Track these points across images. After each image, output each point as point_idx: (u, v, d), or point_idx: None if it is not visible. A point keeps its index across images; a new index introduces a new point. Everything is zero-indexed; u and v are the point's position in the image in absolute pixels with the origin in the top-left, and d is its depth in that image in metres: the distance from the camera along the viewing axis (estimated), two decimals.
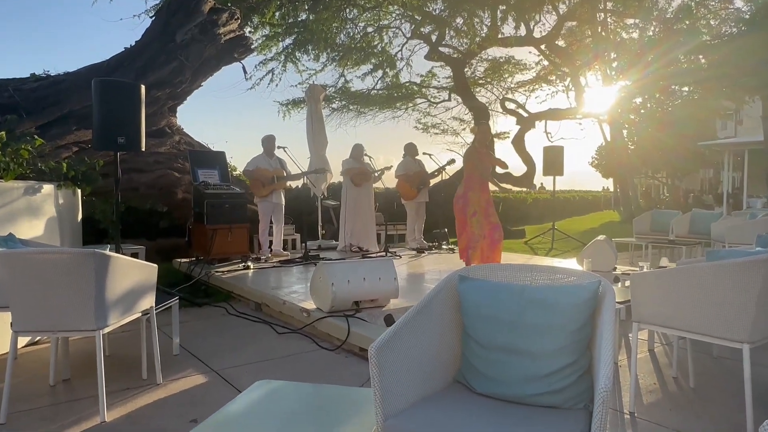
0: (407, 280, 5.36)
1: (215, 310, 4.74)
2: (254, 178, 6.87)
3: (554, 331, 1.75)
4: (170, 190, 7.40)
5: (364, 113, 14.72)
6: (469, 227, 5.26)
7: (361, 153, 7.72)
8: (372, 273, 3.94)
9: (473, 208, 5.31)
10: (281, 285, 5.03)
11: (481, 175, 5.36)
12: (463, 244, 5.41)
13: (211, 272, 5.63)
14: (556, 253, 8.67)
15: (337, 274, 3.81)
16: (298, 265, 6.29)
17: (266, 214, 6.95)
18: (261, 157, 6.97)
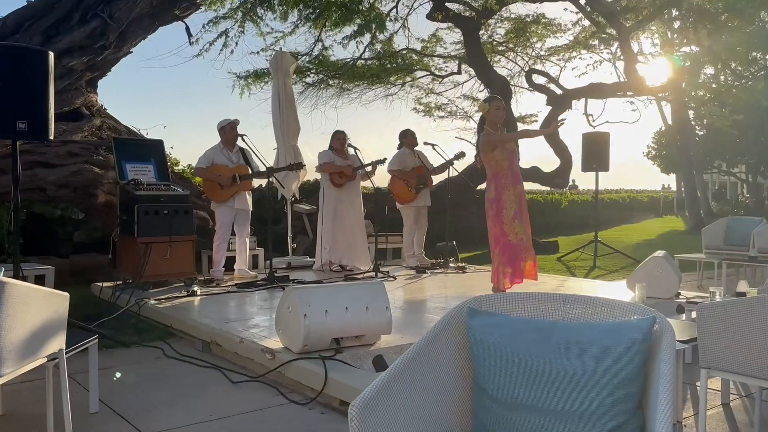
0: (404, 310, 5.36)
1: (148, 351, 4.71)
2: (209, 178, 6.87)
3: (595, 383, 1.74)
4: (88, 190, 7.36)
5: (348, 90, 14.75)
6: (510, 236, 5.30)
7: (344, 142, 7.74)
8: (357, 301, 3.93)
9: (511, 210, 5.34)
10: (238, 317, 5.01)
11: (510, 167, 5.40)
12: (498, 262, 5.44)
13: (144, 301, 5.60)
14: (599, 273, 8.72)
15: (311, 302, 3.79)
16: (261, 290, 6.28)
17: (227, 223, 6.95)
18: (217, 149, 6.97)
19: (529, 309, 2.03)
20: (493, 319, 1.97)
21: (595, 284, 7.06)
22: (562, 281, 7.29)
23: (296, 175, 8.20)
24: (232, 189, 6.83)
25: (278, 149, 8.32)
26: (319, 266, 7.69)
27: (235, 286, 6.45)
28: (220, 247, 6.96)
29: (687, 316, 4.65)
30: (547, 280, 7.25)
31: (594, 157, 10.05)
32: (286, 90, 8.39)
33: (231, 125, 6.93)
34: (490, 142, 5.39)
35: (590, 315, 1.96)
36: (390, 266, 8.26)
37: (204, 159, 6.88)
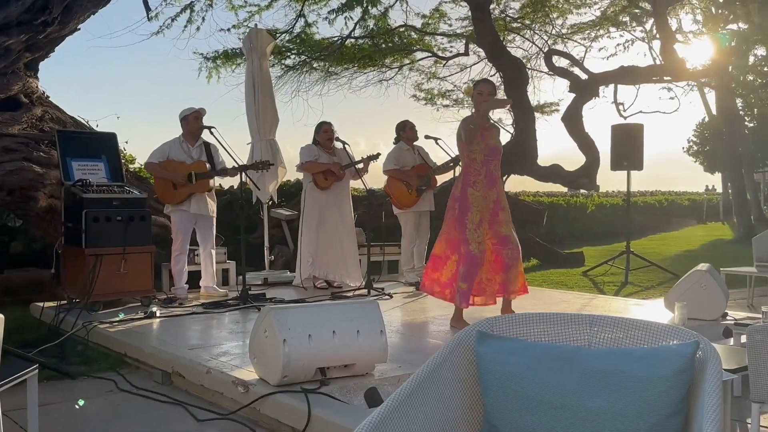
0: (401, 335, 5.36)
1: (98, 384, 4.69)
2: (161, 175, 6.86)
3: (627, 421, 1.74)
4: (27, 193, 7.34)
5: (335, 75, 14.78)
6: (471, 245, 5.28)
7: (331, 136, 7.75)
8: (347, 323, 3.93)
9: (477, 216, 5.34)
10: (205, 343, 5.00)
11: (485, 162, 5.43)
12: (452, 271, 5.45)
13: (93, 324, 5.58)
14: (632, 290, 8.74)
15: (292, 324, 3.79)
16: (232, 311, 6.27)
17: (184, 231, 6.94)
18: (176, 142, 6.97)
19: (550, 332, 2.03)
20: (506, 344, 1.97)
21: (627, 303, 7.08)
22: (588, 300, 7.30)
23: (274, 175, 8.20)
24: (187, 189, 6.81)
25: (253, 144, 8.32)
26: (300, 282, 7.69)
27: (201, 307, 6.43)
28: (179, 259, 6.95)
29: (735, 341, 4.65)
30: (570, 299, 7.26)
31: (625, 154, 10.09)
32: (262, 74, 8.40)
33: (195, 115, 6.92)
34: (464, 131, 5.46)
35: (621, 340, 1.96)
36: (385, 282, 8.26)
37: (157, 152, 6.86)
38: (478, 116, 5.53)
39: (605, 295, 8.07)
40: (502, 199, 5.47)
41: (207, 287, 7.21)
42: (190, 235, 7.03)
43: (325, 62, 14.35)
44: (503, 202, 5.47)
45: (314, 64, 14.43)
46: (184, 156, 6.90)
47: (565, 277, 10.03)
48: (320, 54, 14.07)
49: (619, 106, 13.68)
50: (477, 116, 5.53)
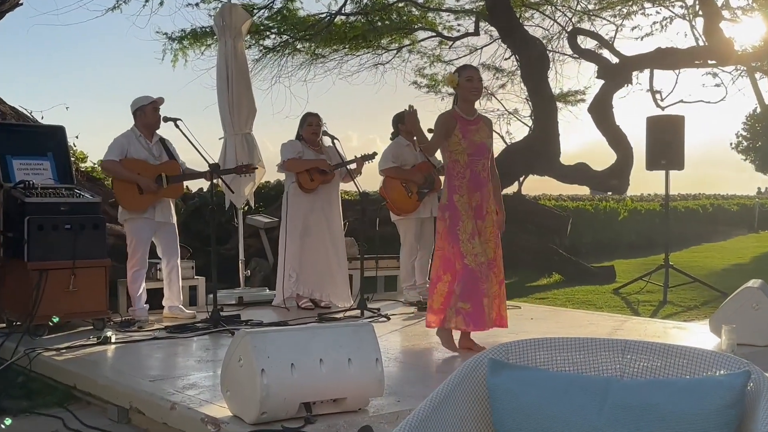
0: (401, 363, 5.35)
1: (43, 422, 4.66)
2: (124, 177, 6.84)
3: None
4: None
5: (323, 58, 14.78)
6: (467, 258, 5.30)
7: (318, 130, 7.75)
8: (336, 350, 3.92)
9: (469, 223, 5.37)
10: (168, 373, 4.98)
11: (469, 163, 5.45)
12: (443, 294, 5.47)
13: (37, 351, 5.56)
14: (671, 311, 8.74)
15: (271, 351, 3.78)
16: (201, 336, 6.25)
17: (144, 241, 6.93)
18: (131, 136, 6.95)
19: (576, 360, 2.03)
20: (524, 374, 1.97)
21: (666, 326, 7.07)
22: (620, 322, 7.30)
23: (251, 176, 8.20)
24: (157, 194, 6.80)
25: (225, 139, 8.31)
26: (282, 302, 7.67)
27: (164, 330, 6.40)
28: (138, 276, 6.92)
29: None
30: (599, 321, 7.26)
31: (663, 150, 10.10)
32: (236, 56, 8.40)
33: (154, 105, 6.91)
34: (444, 128, 5.49)
35: (659, 369, 1.96)
36: (382, 302, 8.24)
37: (116, 148, 6.83)
38: (466, 106, 5.58)
39: (640, 317, 8.06)
40: (485, 206, 5.50)
41: (171, 308, 7.19)
42: (150, 246, 7.01)
43: (310, 43, 14.36)
44: (485, 209, 5.50)
45: (298, 45, 14.45)
46: (144, 153, 6.88)
47: (592, 296, 10.02)
48: (305, 33, 14.08)
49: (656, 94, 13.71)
50: (465, 106, 5.57)
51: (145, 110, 6.91)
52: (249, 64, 9.80)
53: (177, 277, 7.16)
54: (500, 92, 16.20)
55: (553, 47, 14.57)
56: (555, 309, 8.46)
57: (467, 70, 5.68)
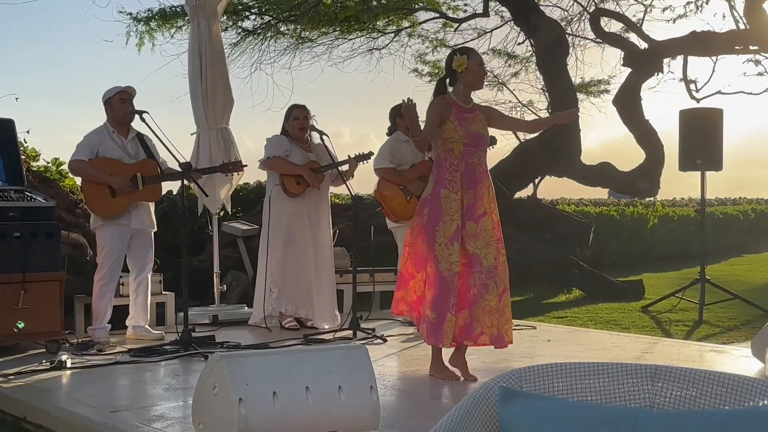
0: (399, 391, 5.34)
1: None
2: (94, 178, 6.83)
3: None
4: None
5: (310, 42, 14.76)
6: (441, 264, 5.32)
7: (305, 125, 7.74)
8: (325, 377, 3.91)
9: (453, 225, 5.37)
10: (133, 403, 4.96)
11: (464, 154, 5.47)
12: (419, 290, 5.55)
13: None
14: (708, 332, 8.74)
15: (251, 378, 3.77)
16: (170, 360, 6.24)
17: (116, 251, 6.91)
18: (103, 132, 6.95)
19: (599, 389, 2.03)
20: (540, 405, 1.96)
21: (702, 349, 7.07)
22: (649, 344, 7.29)
23: (227, 177, 8.18)
24: (131, 197, 6.78)
25: (198, 134, 8.30)
26: (261, 320, 7.65)
27: (128, 354, 6.38)
28: (105, 291, 6.90)
29: None
30: (625, 343, 7.26)
31: (699, 148, 10.10)
32: (211, 40, 8.39)
33: (120, 96, 6.90)
34: (438, 114, 5.50)
35: (695, 399, 1.96)
36: (377, 321, 8.22)
37: (85, 146, 6.82)
38: (470, 90, 5.61)
39: (672, 339, 8.05)
40: (479, 206, 5.50)
41: (136, 328, 7.17)
42: (123, 258, 6.98)
43: (295, 25, 14.35)
44: (481, 209, 5.50)
45: (281, 27, 14.44)
46: (119, 152, 6.87)
47: (618, 314, 10.01)
48: (290, 14, 14.08)
49: (691, 84, 13.70)
50: (469, 90, 5.61)
51: (111, 103, 6.90)
52: (225, 49, 9.82)
53: (145, 293, 7.14)
54: (512, 81, 16.16)
55: (572, 30, 14.59)
56: (575, 329, 8.45)
57: (476, 54, 5.71)
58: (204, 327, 7.70)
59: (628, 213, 19.41)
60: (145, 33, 13.51)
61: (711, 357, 6.60)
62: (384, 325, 7.98)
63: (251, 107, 17.25)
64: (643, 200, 21.39)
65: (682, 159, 10.26)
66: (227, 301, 9.02)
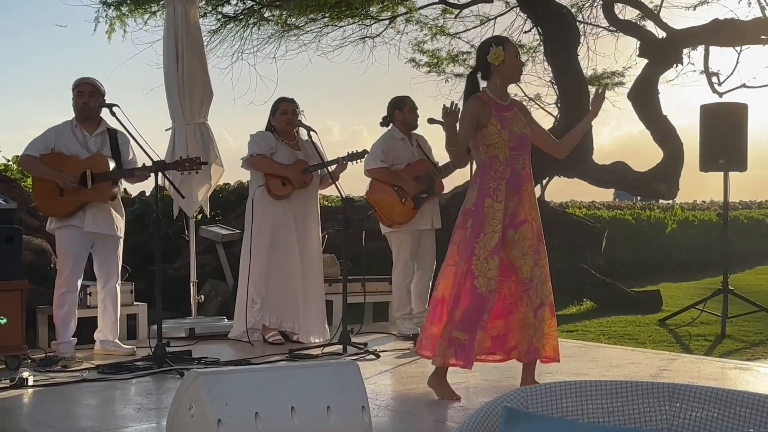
0: (393, 412, 5.34)
1: None
2: (40, 174, 6.83)
3: None
4: None
5: (297, 29, 14.75)
6: (478, 280, 5.30)
7: (293, 120, 7.73)
8: (312, 396, 3.92)
9: (495, 237, 5.35)
10: (100, 425, 4.96)
11: (510, 160, 5.44)
12: (444, 318, 5.48)
13: None
14: (732, 347, 8.76)
15: (231, 397, 3.77)
16: (142, 377, 6.24)
17: (74, 257, 6.91)
18: (66, 128, 6.96)
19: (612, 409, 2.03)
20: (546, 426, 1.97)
21: (725, 366, 7.08)
22: (667, 360, 7.31)
23: (205, 176, 8.18)
24: (79, 196, 6.76)
25: (174, 130, 8.30)
26: (243, 334, 7.65)
27: (95, 371, 6.38)
28: (65, 300, 6.88)
29: None
30: (641, 359, 7.27)
31: (721, 147, 10.12)
32: (188, 27, 8.40)
33: (78, 89, 6.90)
34: (475, 113, 5.45)
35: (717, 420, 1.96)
36: (369, 335, 8.24)
37: (39, 141, 6.82)
38: (506, 84, 5.56)
39: (692, 355, 8.06)
40: (521, 212, 5.50)
41: (104, 342, 7.17)
42: (84, 263, 6.98)
43: (281, 10, 14.35)
44: (522, 216, 5.50)
45: (265, 12, 14.44)
46: (77, 147, 6.87)
47: (633, 328, 10.02)
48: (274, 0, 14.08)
49: (713, 77, 13.73)
50: (504, 85, 5.55)
51: (73, 95, 6.94)
52: (204, 37, 9.83)
53: (113, 304, 7.13)
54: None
55: (584, 18, 14.60)
56: (586, 344, 8.45)
57: (512, 45, 5.64)
58: (179, 341, 7.71)
59: (644, 217, 19.42)
60: (115, 19, 13.46)
61: (734, 375, 6.61)
62: (377, 340, 8.00)
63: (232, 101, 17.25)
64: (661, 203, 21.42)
65: (704, 158, 10.28)
66: (205, 312, 9.02)
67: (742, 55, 13.67)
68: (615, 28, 13.72)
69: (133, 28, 13.52)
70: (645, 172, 12.72)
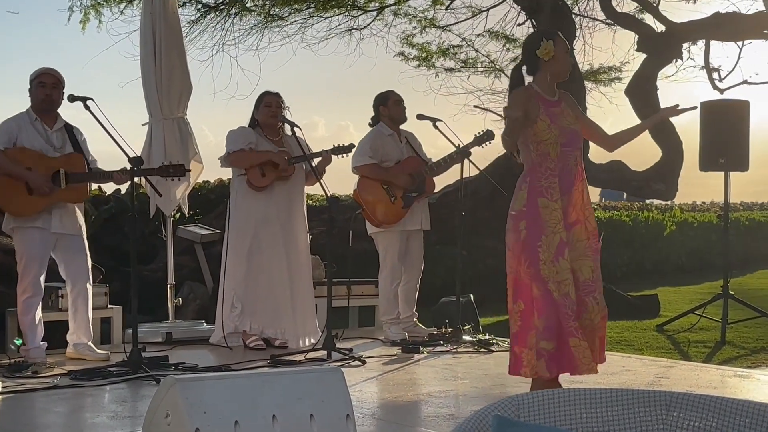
0: (380, 421, 5.34)
1: None
2: (7, 171, 6.79)
3: None
4: None
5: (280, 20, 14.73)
6: (550, 284, 5.23)
7: (276, 114, 7.72)
8: (295, 404, 3.91)
9: (556, 237, 5.30)
10: None
11: (561, 156, 5.38)
12: (525, 330, 5.38)
13: None
14: (731, 354, 8.78)
15: (209, 405, 3.76)
16: (116, 384, 6.24)
17: (37, 258, 6.88)
18: (25, 119, 6.92)
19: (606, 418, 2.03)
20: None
21: (725, 374, 7.11)
22: (665, 368, 7.32)
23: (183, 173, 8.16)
24: (51, 197, 6.72)
25: (151, 125, 8.28)
26: (222, 339, 7.64)
27: (67, 376, 6.36)
28: (30, 305, 6.83)
29: None
30: (638, 367, 7.28)
31: (722, 146, 10.14)
32: (166, 17, 8.38)
33: (39, 80, 6.86)
34: (522, 104, 5.39)
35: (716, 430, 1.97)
36: (355, 340, 8.23)
37: (2, 133, 6.78)
38: (545, 85, 5.51)
39: (691, 362, 8.08)
40: (571, 212, 5.43)
41: (77, 345, 7.14)
42: (47, 266, 6.94)
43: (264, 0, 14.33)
44: (573, 216, 5.44)
45: (247, 2, 14.42)
46: (41, 142, 6.83)
47: (630, 334, 10.04)
48: None
49: (713, 73, 13.75)
50: (540, 86, 5.50)
51: (32, 86, 6.89)
52: (183, 28, 9.81)
53: (86, 305, 7.11)
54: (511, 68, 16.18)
55: (580, 10, 14.62)
56: None
57: (562, 41, 5.57)
58: (156, 346, 7.69)
59: (642, 218, 19.43)
60: (90, 8, 13.43)
61: (734, 383, 6.63)
62: (362, 345, 7.99)
63: (212, 95, 17.18)
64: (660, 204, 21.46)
65: (704, 157, 10.29)
66: (183, 316, 8.99)
67: (744, 50, 13.72)
68: (612, 22, 13.74)
69: (109, 17, 13.50)
70: (643, 171, 12.75)
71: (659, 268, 17.96)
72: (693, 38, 13.22)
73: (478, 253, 12.02)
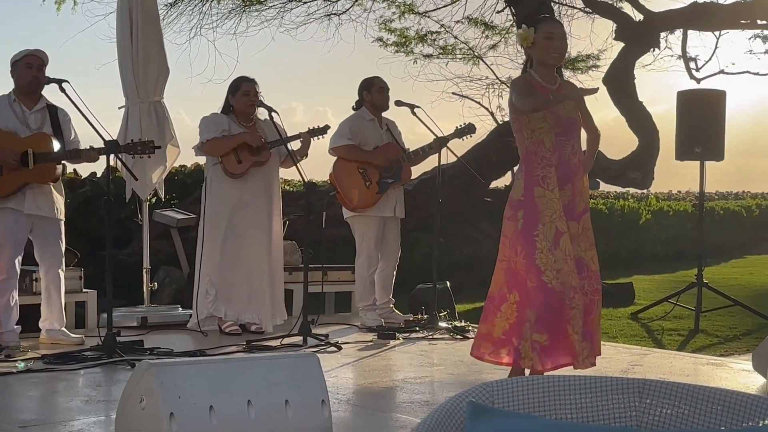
0: (355, 407, 5.35)
1: None
2: None
3: None
4: None
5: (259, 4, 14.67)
6: (545, 275, 5.21)
7: (253, 101, 7.67)
8: (270, 389, 3.91)
9: (552, 227, 5.27)
10: (45, 417, 4.94)
11: (557, 145, 5.34)
12: (510, 319, 5.37)
13: None
14: (704, 342, 8.82)
15: (184, 390, 3.76)
16: (91, 368, 6.21)
17: (12, 243, 6.84)
18: (3, 102, 6.89)
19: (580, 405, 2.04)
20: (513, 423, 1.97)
21: (698, 362, 7.15)
22: (639, 356, 7.36)
23: (160, 158, 8.12)
24: (18, 176, 6.68)
25: (127, 108, 8.24)
26: (197, 324, 7.62)
27: (41, 361, 6.33)
28: (6, 288, 6.78)
29: None
30: (612, 354, 7.30)
31: (698, 135, 10.17)
32: (143, 1, 8.33)
33: (27, 61, 6.82)
34: (520, 93, 5.35)
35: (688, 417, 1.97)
36: (331, 326, 8.23)
37: None
38: (545, 71, 5.46)
39: (665, 350, 8.11)
40: (579, 201, 5.39)
41: (51, 331, 7.11)
42: (23, 248, 6.90)
43: None
44: (582, 206, 5.40)
45: None
46: (15, 123, 6.79)
47: (605, 322, 10.02)
48: None
49: (690, 63, 13.79)
50: (542, 71, 5.45)
51: (17, 68, 6.85)
52: (160, 10, 9.74)
53: (59, 291, 7.07)
54: (490, 55, 16.19)
55: None
56: None
57: (547, 24, 5.46)
58: (131, 330, 7.67)
59: (617, 207, 19.50)
60: None
61: (707, 371, 6.67)
62: (338, 331, 7.98)
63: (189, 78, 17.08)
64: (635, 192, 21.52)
65: (680, 147, 10.32)
66: (158, 301, 8.96)
67: (721, 40, 13.77)
68: (591, 10, 13.76)
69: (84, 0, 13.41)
70: (619, 160, 12.79)
71: (635, 256, 18.03)
72: (670, 27, 13.26)
73: (454, 241, 12.03)
